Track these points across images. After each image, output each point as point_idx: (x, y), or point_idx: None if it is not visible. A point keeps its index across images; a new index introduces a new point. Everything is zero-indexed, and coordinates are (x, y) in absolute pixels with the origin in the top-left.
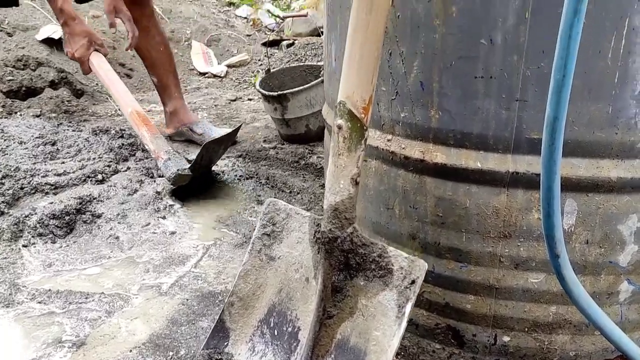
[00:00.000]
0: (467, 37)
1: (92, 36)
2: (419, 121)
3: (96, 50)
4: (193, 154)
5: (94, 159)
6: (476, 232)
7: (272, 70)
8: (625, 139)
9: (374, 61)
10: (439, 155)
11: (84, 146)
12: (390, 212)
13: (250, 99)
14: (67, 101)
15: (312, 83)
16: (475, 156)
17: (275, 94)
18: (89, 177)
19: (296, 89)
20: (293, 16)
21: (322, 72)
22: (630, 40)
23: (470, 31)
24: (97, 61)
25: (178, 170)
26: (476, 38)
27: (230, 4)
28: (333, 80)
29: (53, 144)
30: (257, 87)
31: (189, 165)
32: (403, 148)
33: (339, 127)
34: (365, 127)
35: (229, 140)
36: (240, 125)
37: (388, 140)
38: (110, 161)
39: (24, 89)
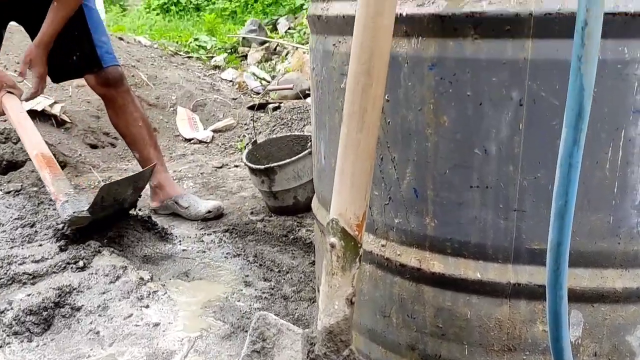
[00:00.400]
0: (461, 147)
1: (3, 78)
2: (414, 228)
3: (9, 92)
4: (178, 228)
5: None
6: (479, 344)
7: (258, 142)
8: (629, 249)
9: (367, 177)
10: (437, 264)
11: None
12: (386, 320)
13: (236, 166)
14: None
15: (300, 155)
16: (475, 266)
17: (262, 167)
18: (69, 263)
19: (283, 161)
20: (278, 89)
21: (309, 144)
22: (627, 151)
23: (463, 141)
24: (10, 103)
25: (74, 212)
26: (470, 148)
27: (216, 67)
28: (323, 177)
29: (32, 226)
30: (244, 160)
31: (87, 207)
32: (398, 255)
33: (332, 246)
34: (359, 245)
35: (136, 181)
36: (152, 167)
37: (382, 246)
38: (92, 244)
39: (4, 162)
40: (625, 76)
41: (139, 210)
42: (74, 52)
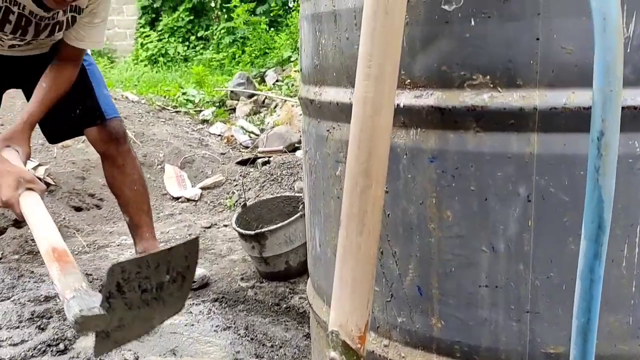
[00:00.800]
0: (466, 244)
1: (19, 173)
2: (419, 329)
3: (29, 189)
4: None
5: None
6: None
7: (248, 204)
8: None
9: (368, 284)
10: None
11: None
12: None
13: (225, 225)
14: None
15: (291, 219)
16: None
17: (252, 232)
18: (49, 345)
19: (274, 226)
20: (268, 151)
21: (301, 206)
22: None
23: (469, 237)
24: (30, 201)
25: (80, 310)
26: (476, 245)
27: (204, 121)
28: (318, 265)
29: (10, 300)
30: (233, 225)
31: (99, 303)
32: (403, 357)
33: None
34: (362, 358)
35: (169, 260)
36: (196, 241)
37: (385, 346)
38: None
39: None
40: (637, 171)
41: None
42: (76, 108)
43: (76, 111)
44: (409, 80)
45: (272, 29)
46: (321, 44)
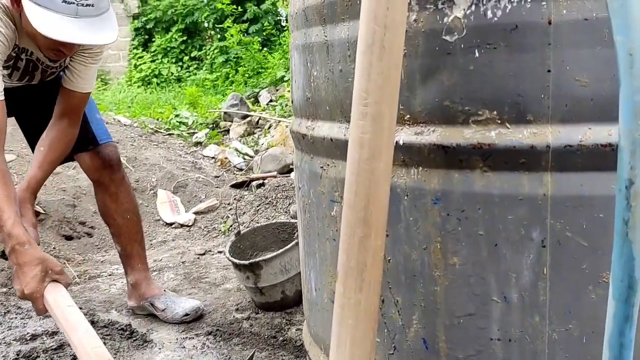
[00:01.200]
0: (475, 293)
1: (47, 263)
2: None
3: (55, 280)
4: (158, 331)
5: None
6: None
7: (242, 231)
8: None
9: (369, 344)
10: None
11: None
12: None
13: (220, 252)
14: None
15: (286, 248)
16: None
17: (247, 262)
18: None
19: (269, 255)
20: (261, 177)
21: (296, 234)
22: None
23: (478, 286)
24: (54, 296)
25: None
26: (486, 294)
27: (198, 143)
28: (314, 310)
29: None
30: (227, 255)
31: None
32: None
33: None
34: None
35: None
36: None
37: None
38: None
39: None
40: None
41: (118, 314)
42: None
43: None
44: (408, 116)
45: (265, 48)
46: (313, 75)
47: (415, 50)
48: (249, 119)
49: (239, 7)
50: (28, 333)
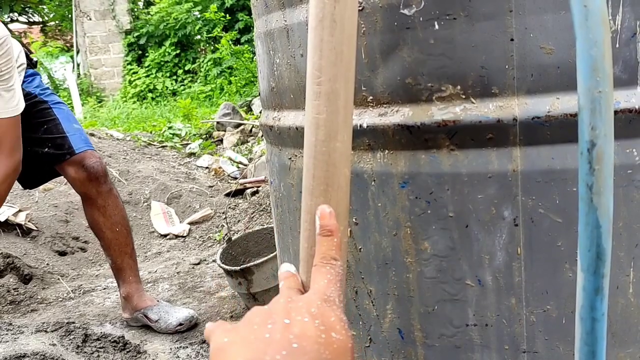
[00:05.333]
0: (449, 277)
1: None
2: None
3: None
4: (151, 342)
5: None
6: None
7: (234, 238)
8: None
9: None
10: None
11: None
12: None
13: (214, 260)
14: (14, 289)
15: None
16: None
17: (238, 268)
18: None
19: (260, 260)
20: (251, 182)
21: None
22: None
23: (451, 270)
24: None
25: None
26: (460, 278)
27: (191, 154)
28: None
29: None
30: (218, 261)
31: None
32: None
33: None
34: None
35: None
36: None
37: None
38: None
39: None
40: (637, 182)
41: (112, 326)
42: (45, 145)
43: (45, 149)
44: (371, 97)
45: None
46: (276, 63)
47: (373, 28)
48: (242, 127)
49: (227, 15)
50: (21, 350)
